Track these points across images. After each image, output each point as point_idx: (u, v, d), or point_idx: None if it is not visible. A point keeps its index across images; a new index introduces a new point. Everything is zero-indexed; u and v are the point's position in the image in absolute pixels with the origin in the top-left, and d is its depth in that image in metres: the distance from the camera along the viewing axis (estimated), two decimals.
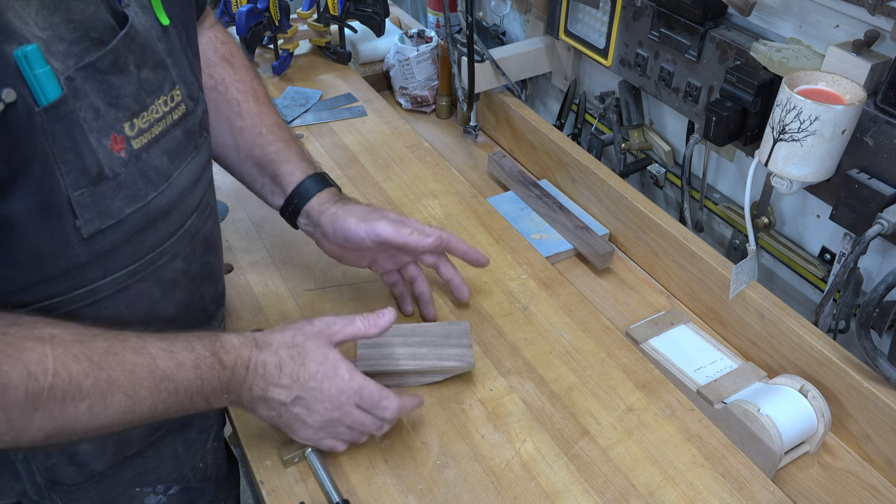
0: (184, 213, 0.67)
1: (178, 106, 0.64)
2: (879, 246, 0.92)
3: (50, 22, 0.52)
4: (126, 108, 0.57)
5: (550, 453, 0.78)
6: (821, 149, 0.81)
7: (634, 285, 1.09)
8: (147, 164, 0.60)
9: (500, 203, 1.20)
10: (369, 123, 1.35)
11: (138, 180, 0.60)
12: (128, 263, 0.63)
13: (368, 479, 0.76)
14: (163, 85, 0.62)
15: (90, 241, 0.58)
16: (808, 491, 0.83)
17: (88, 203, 0.56)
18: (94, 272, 0.61)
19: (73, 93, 0.53)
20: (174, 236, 0.67)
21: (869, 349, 0.78)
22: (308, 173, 0.85)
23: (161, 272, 0.67)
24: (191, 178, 0.67)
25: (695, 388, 0.88)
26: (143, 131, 0.59)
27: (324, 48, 1.56)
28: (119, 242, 0.61)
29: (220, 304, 0.82)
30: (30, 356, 0.52)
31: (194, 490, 0.83)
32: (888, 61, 0.80)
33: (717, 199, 1.14)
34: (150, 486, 0.78)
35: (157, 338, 0.62)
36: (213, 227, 0.76)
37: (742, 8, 0.90)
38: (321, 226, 0.84)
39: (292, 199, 0.85)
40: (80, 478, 0.72)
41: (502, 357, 0.89)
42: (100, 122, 0.55)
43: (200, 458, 0.83)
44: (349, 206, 0.85)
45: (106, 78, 0.55)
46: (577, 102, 1.36)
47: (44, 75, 0.50)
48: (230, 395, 0.66)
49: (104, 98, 0.55)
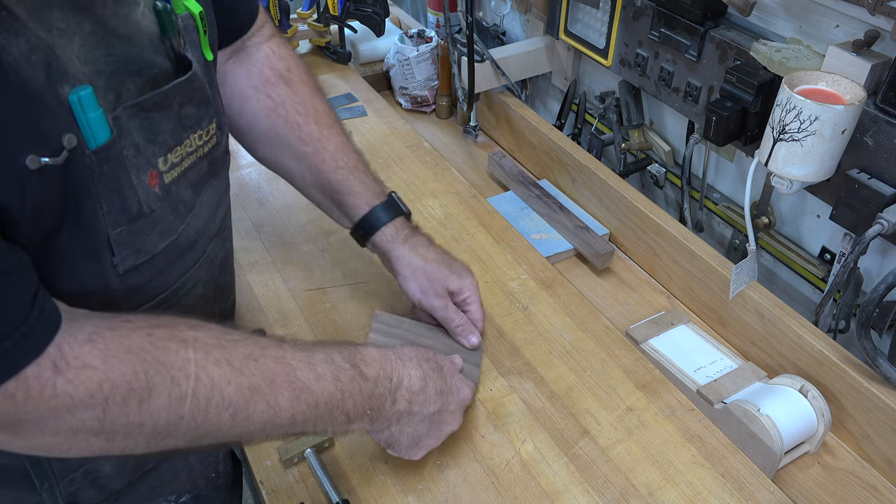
0: (206, 241, 0.67)
1: (211, 139, 0.64)
2: (879, 246, 0.92)
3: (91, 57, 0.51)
4: (163, 144, 0.57)
5: (550, 453, 0.78)
6: (821, 149, 0.81)
7: (634, 285, 1.09)
8: (176, 198, 0.60)
9: (500, 203, 1.20)
10: (369, 123, 1.35)
11: (170, 215, 0.59)
12: (156, 295, 0.62)
13: (368, 479, 0.76)
14: (202, 120, 0.61)
15: (125, 277, 0.58)
16: (808, 491, 0.83)
17: (126, 241, 0.56)
18: (128, 305, 0.60)
19: (119, 132, 0.52)
20: (196, 264, 0.66)
21: (869, 349, 0.78)
22: (372, 204, 0.83)
23: (185, 299, 0.66)
24: (211, 204, 0.67)
25: (695, 388, 0.88)
26: (175, 165, 0.59)
27: (324, 48, 1.56)
28: (151, 276, 0.60)
29: (228, 317, 0.82)
30: (174, 360, 0.51)
31: (205, 497, 0.84)
32: (888, 61, 0.80)
33: (717, 199, 1.14)
34: (162, 496, 0.79)
35: (295, 347, 0.61)
36: (230, 248, 0.76)
37: (742, 8, 0.90)
38: (390, 263, 0.84)
39: (358, 229, 0.85)
40: (99, 498, 0.72)
41: (502, 357, 0.89)
42: (140, 159, 0.55)
43: (213, 469, 0.83)
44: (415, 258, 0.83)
45: (148, 115, 0.55)
46: (577, 102, 1.36)
47: (96, 119, 0.49)
48: (372, 411, 0.65)
49: (145, 134, 0.55)
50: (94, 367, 0.48)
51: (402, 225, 0.85)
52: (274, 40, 0.84)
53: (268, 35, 0.84)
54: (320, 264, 1.02)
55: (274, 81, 0.82)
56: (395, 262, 0.84)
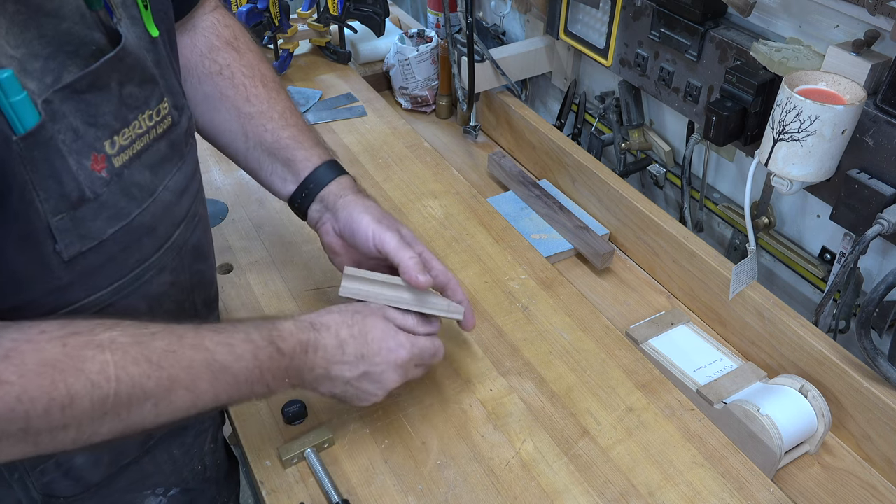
0: (170, 227, 0.66)
1: (164, 119, 0.62)
2: (879, 246, 0.92)
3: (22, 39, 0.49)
4: (106, 126, 0.55)
5: (550, 453, 0.78)
6: (821, 149, 0.81)
7: (634, 285, 1.09)
8: (129, 181, 0.58)
9: (500, 203, 1.20)
10: (369, 123, 1.35)
11: (120, 199, 0.58)
12: (111, 282, 0.61)
13: (368, 479, 0.76)
14: (149, 99, 0.60)
15: (71, 264, 0.57)
16: (808, 491, 0.83)
17: (69, 227, 0.55)
18: (77, 293, 0.59)
19: (52, 116, 0.51)
20: (160, 250, 0.65)
21: (869, 349, 0.78)
22: (324, 159, 0.82)
23: (147, 287, 0.65)
24: (176, 189, 0.65)
25: (695, 388, 0.88)
26: (125, 148, 0.57)
27: (324, 48, 1.56)
28: (102, 262, 0.59)
29: (213, 308, 0.81)
30: (91, 366, 0.52)
31: (194, 491, 0.83)
32: (888, 61, 0.80)
33: (717, 199, 1.14)
34: (149, 489, 0.78)
35: (214, 331, 0.62)
36: (203, 236, 0.74)
37: (742, 8, 0.90)
38: (336, 211, 0.80)
39: (307, 184, 0.81)
40: (76, 489, 0.72)
41: (502, 357, 0.89)
42: (79, 143, 0.53)
43: (199, 461, 0.83)
44: (368, 201, 0.81)
45: (84, 97, 0.53)
46: (577, 102, 1.36)
47: (20, 103, 0.48)
48: (291, 379, 0.68)
49: (83, 117, 0.53)
50: (10, 382, 0.49)
51: (353, 182, 0.83)
52: (219, 10, 0.85)
53: (213, 6, 0.84)
54: (320, 264, 1.02)
55: (220, 47, 0.82)
56: (347, 206, 0.79)
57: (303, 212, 0.83)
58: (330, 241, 0.82)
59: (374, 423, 0.81)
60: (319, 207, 0.82)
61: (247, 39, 0.85)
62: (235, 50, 0.83)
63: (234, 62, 0.83)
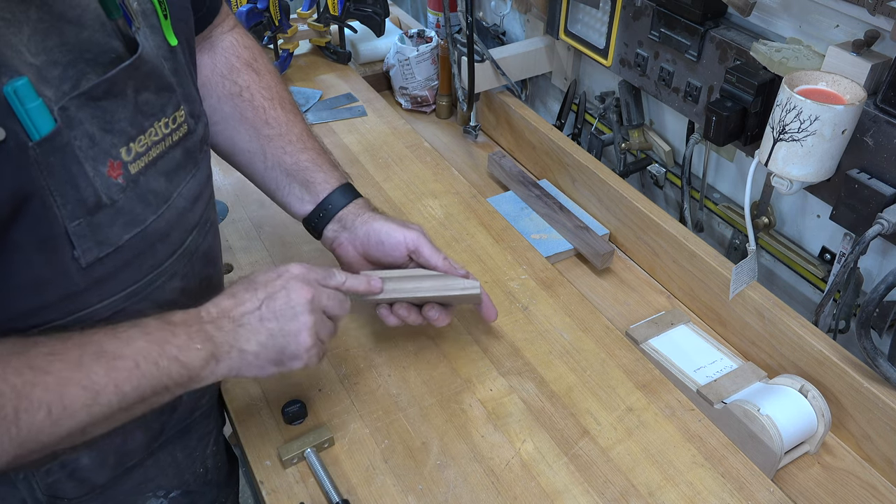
0: (183, 233, 0.66)
1: (180, 127, 0.63)
2: (879, 246, 0.92)
3: (43, 47, 0.50)
4: (122, 133, 0.56)
5: (550, 453, 0.78)
6: (821, 149, 0.81)
7: (634, 285, 1.09)
8: (144, 188, 0.59)
9: (500, 203, 1.20)
10: (369, 123, 1.35)
11: (136, 205, 0.58)
12: (124, 287, 0.61)
13: (368, 479, 0.76)
14: (165, 107, 0.60)
15: (88, 270, 0.57)
16: (808, 491, 0.83)
17: (86, 233, 0.55)
18: (90, 298, 0.59)
19: (67, 123, 0.51)
20: (173, 256, 0.65)
21: (869, 349, 0.78)
22: (341, 182, 0.85)
23: (158, 293, 0.65)
24: (190, 196, 0.66)
25: (695, 388, 0.88)
26: (141, 155, 0.58)
27: (324, 48, 1.56)
28: (117, 268, 0.59)
29: None
30: None
31: (195, 493, 0.83)
32: (888, 61, 0.80)
33: (717, 199, 1.14)
34: (150, 491, 0.78)
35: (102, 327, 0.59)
36: (213, 241, 0.75)
37: (742, 8, 0.90)
38: (353, 229, 0.83)
39: (325, 204, 0.84)
40: (81, 491, 0.72)
41: (502, 357, 0.89)
42: (96, 150, 0.54)
43: (201, 464, 0.83)
44: (386, 216, 0.84)
45: (100, 104, 0.54)
46: (577, 102, 1.36)
47: (35, 109, 0.48)
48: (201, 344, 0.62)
49: (99, 124, 0.54)
50: None
51: (369, 203, 0.86)
52: (237, 30, 0.86)
53: (231, 25, 0.85)
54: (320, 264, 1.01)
55: (240, 68, 0.84)
56: (367, 222, 0.82)
57: (318, 231, 0.86)
58: (347, 255, 0.85)
59: (374, 423, 0.81)
60: (336, 227, 0.84)
61: (265, 61, 0.87)
62: (255, 72, 0.85)
63: (254, 84, 0.84)
